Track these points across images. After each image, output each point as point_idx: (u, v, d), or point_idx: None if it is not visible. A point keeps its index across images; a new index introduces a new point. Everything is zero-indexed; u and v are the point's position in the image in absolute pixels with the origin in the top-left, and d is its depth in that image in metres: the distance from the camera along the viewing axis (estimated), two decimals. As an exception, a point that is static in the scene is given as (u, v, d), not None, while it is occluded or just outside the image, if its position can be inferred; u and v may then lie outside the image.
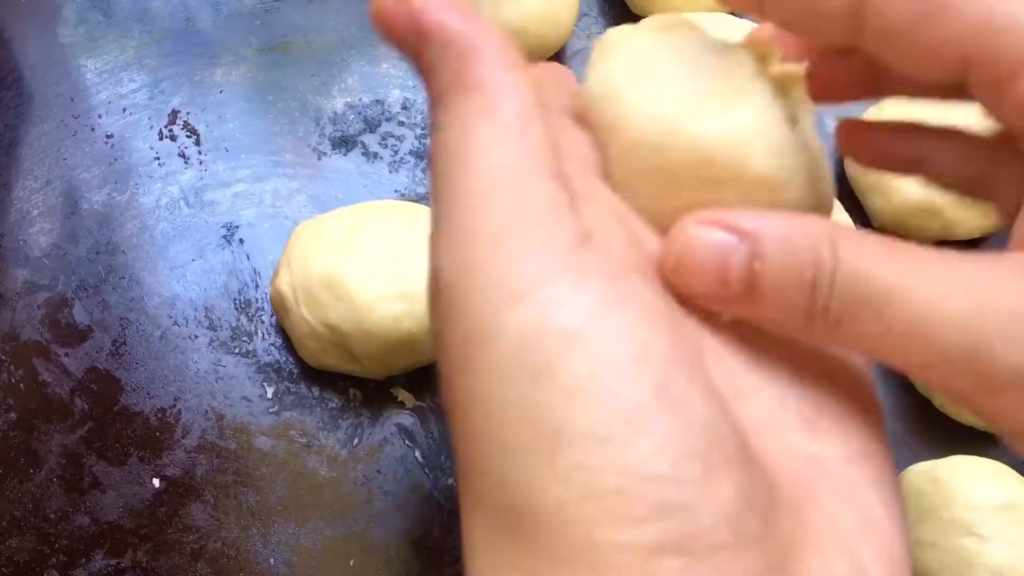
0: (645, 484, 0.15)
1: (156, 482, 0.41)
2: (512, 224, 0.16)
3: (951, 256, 0.17)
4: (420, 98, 0.50)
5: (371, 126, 0.49)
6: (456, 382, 0.17)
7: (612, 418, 0.15)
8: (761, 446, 0.17)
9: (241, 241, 0.46)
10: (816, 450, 0.18)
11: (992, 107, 0.19)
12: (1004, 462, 0.41)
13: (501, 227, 0.16)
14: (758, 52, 0.21)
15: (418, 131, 0.49)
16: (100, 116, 0.49)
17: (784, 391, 0.19)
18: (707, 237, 0.18)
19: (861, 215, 0.48)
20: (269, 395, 0.43)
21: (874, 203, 0.47)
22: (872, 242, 0.17)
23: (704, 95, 0.19)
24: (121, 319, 0.44)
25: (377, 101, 0.50)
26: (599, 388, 0.15)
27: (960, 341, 0.16)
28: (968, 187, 0.23)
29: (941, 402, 0.44)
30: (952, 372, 0.17)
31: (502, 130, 0.17)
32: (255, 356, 0.44)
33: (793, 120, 0.20)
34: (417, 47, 0.18)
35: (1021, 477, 0.40)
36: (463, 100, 0.17)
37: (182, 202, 0.47)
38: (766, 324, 0.19)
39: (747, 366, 0.19)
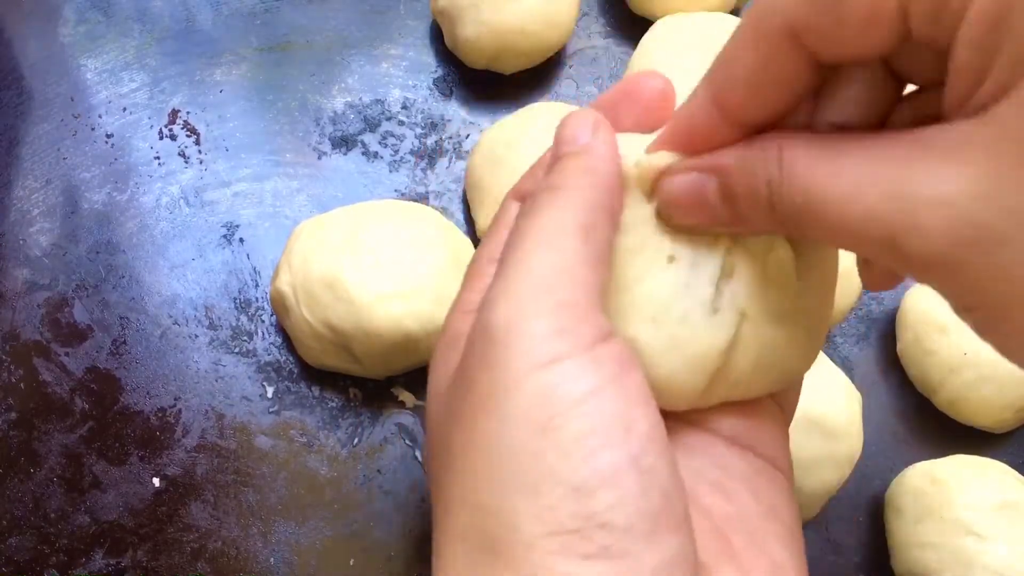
0: (599, 530, 0.19)
1: (156, 482, 0.41)
2: (560, 309, 0.20)
3: (881, 143, 0.18)
4: (420, 98, 0.50)
5: (371, 126, 0.49)
6: (472, 426, 0.20)
7: (588, 473, 0.19)
8: (690, 510, 0.21)
9: (241, 241, 0.46)
10: (732, 510, 0.22)
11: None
12: (1004, 462, 0.41)
13: (550, 309, 0.20)
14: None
15: (418, 131, 0.49)
16: (100, 116, 0.49)
17: (699, 461, 0.23)
18: (683, 181, 0.22)
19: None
20: (269, 395, 0.43)
21: None
22: (817, 145, 0.19)
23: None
24: (121, 318, 0.44)
25: (377, 101, 0.50)
26: (585, 448, 0.19)
27: (877, 234, 0.18)
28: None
29: (941, 402, 0.44)
30: (883, 259, 0.18)
31: (573, 233, 0.21)
32: (255, 356, 0.44)
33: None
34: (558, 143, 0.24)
35: (1021, 477, 0.40)
36: (553, 195, 0.22)
37: (182, 201, 0.47)
38: (745, 232, 0.22)
39: (681, 444, 0.23)
